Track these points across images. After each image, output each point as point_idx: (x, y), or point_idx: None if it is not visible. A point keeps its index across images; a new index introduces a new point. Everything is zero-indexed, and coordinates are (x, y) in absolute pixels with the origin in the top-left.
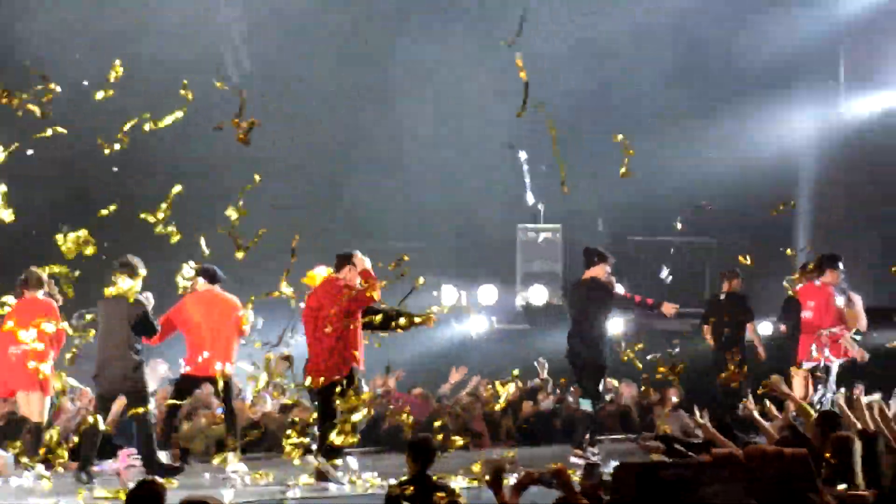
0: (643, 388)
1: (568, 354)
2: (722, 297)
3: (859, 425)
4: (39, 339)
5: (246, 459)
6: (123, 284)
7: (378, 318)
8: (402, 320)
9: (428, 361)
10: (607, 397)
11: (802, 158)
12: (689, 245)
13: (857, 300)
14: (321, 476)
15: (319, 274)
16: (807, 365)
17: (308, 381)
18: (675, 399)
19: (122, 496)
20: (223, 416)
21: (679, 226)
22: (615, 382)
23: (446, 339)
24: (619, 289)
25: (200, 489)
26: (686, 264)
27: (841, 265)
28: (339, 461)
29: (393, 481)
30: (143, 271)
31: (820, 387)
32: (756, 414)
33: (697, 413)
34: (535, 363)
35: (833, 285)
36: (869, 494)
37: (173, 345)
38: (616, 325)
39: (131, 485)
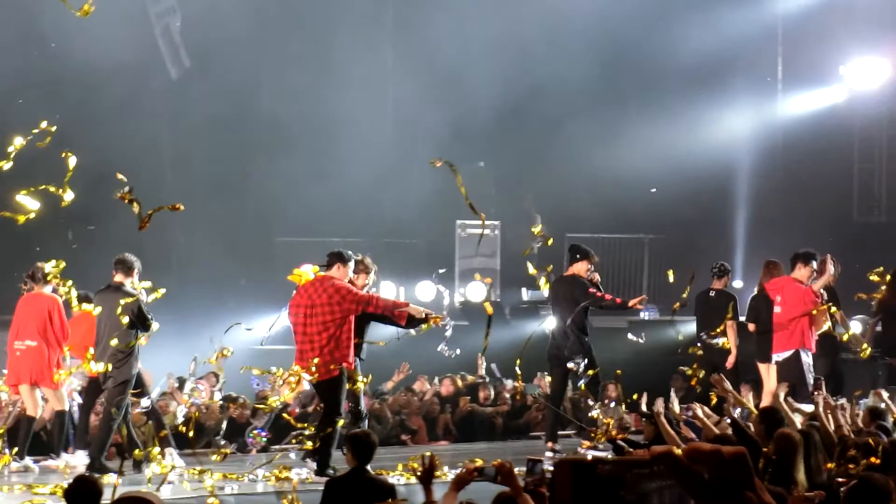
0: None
1: (549, 349)
2: (712, 293)
3: (798, 422)
4: (43, 336)
5: (183, 455)
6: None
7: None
8: (423, 325)
9: (368, 358)
10: (536, 391)
11: (738, 155)
12: (626, 242)
13: (823, 296)
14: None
15: (306, 272)
16: (777, 357)
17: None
18: (612, 394)
19: (60, 492)
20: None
21: None
22: (547, 377)
23: (385, 335)
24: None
25: (138, 486)
26: (624, 261)
27: (814, 263)
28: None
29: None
30: (138, 268)
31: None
32: (700, 412)
33: (644, 403)
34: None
35: (803, 281)
36: (815, 495)
37: None
38: (554, 321)
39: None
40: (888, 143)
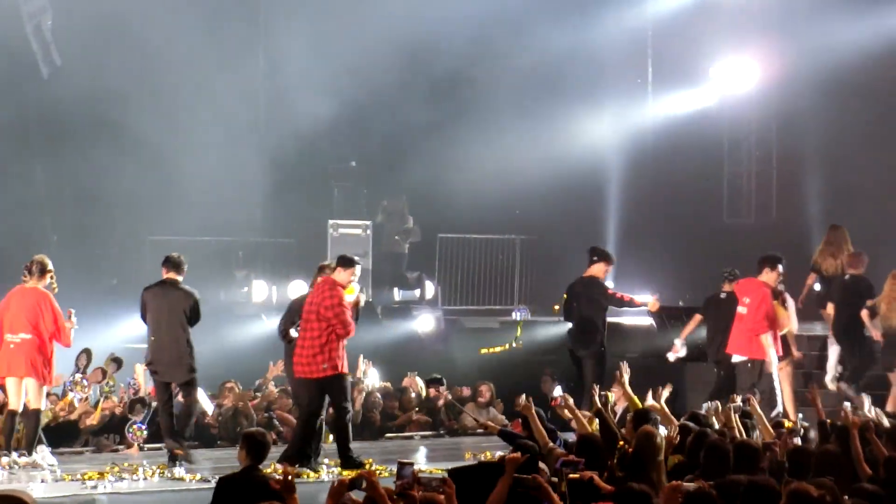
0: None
1: (568, 347)
2: (723, 296)
3: (673, 422)
4: (36, 330)
5: (58, 453)
6: None
7: None
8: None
9: (243, 355)
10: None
11: (609, 156)
12: (498, 243)
13: (790, 301)
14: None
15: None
16: (736, 359)
17: None
18: (486, 395)
19: None
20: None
21: None
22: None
23: (260, 333)
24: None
25: (10, 483)
26: (497, 261)
27: (781, 266)
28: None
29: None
30: (185, 267)
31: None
32: (571, 401)
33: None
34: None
35: (770, 285)
36: (701, 485)
37: None
38: (426, 322)
39: None
40: (757, 144)
